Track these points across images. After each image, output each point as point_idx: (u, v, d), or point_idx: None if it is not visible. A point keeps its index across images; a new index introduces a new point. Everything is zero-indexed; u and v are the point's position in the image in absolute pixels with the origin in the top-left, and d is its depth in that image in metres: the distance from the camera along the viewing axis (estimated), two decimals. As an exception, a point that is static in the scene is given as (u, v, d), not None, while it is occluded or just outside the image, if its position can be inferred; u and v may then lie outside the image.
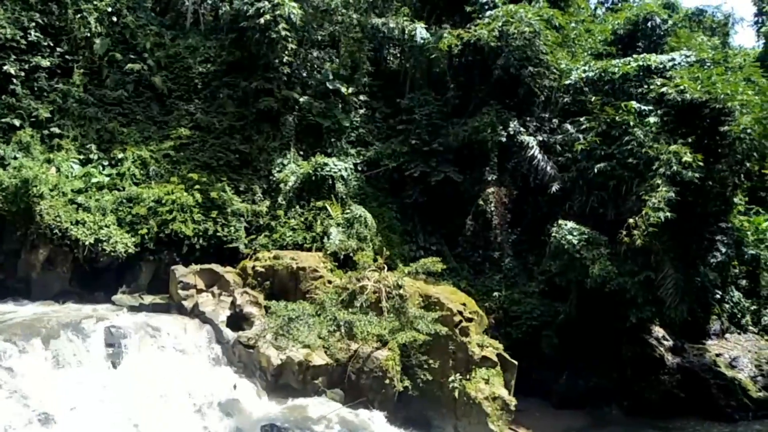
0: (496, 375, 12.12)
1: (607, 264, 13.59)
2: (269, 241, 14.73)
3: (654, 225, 13.10)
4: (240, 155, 16.19)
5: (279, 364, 10.82)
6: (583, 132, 15.81)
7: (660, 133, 14.76)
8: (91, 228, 13.52)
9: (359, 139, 17.63)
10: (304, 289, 12.72)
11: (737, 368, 15.09)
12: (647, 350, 14.38)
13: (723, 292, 16.35)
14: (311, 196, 15.64)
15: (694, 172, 13.61)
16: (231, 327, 11.77)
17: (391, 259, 13.93)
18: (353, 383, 11.10)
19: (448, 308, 12.12)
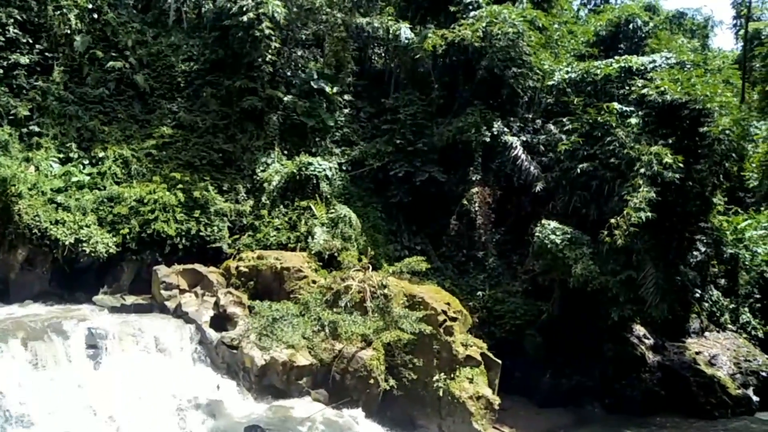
0: (480, 374, 12.18)
1: (590, 263, 13.73)
2: (253, 241, 14.63)
3: (635, 225, 13.27)
4: (223, 154, 16.06)
5: (263, 365, 10.76)
6: (566, 133, 15.95)
7: (641, 134, 14.98)
8: (71, 228, 13.31)
9: (344, 138, 17.59)
10: (288, 289, 12.66)
11: (716, 366, 15.34)
12: (628, 348, 14.57)
13: (702, 291, 16.61)
14: (295, 195, 15.55)
15: (675, 172, 13.83)
16: (214, 327, 11.68)
17: (376, 259, 13.95)
18: (338, 383, 11.08)
19: (433, 308, 12.15)
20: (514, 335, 14.09)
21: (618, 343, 14.47)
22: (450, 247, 16.12)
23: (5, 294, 12.82)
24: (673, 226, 14.66)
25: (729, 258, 17.38)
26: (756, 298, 17.96)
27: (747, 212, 18.48)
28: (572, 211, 15.00)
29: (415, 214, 16.55)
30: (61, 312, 11.55)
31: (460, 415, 11.62)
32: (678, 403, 13.92)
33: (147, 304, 12.73)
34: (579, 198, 15.02)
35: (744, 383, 15.31)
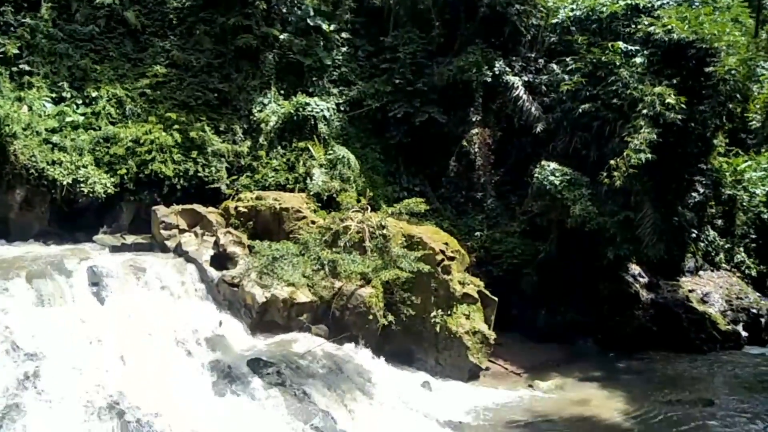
0: (477, 311, 12.45)
1: (588, 204, 13.78)
2: (251, 182, 14.59)
3: (634, 166, 13.24)
4: (219, 94, 15.78)
5: (264, 302, 10.94)
6: (569, 73, 15.63)
7: (645, 74, 14.70)
8: (68, 168, 13.24)
9: (341, 78, 17.24)
10: (287, 230, 12.72)
11: (708, 303, 15.66)
12: (623, 287, 14.81)
13: (699, 232, 16.74)
14: (293, 136, 15.40)
15: (677, 113, 13.68)
16: (214, 266, 11.79)
17: (375, 200, 13.96)
18: (337, 319, 11.31)
19: (431, 247, 12.27)
20: (511, 274, 14.29)
21: (613, 281, 14.70)
22: (449, 189, 16.12)
23: (6, 234, 12.89)
24: (673, 167, 14.62)
25: (727, 199, 17.44)
26: (752, 238, 18.14)
27: (748, 154, 18.39)
28: (572, 152, 14.93)
29: (414, 156, 16.45)
30: (62, 251, 11.63)
31: (457, 349, 11.95)
32: (669, 339, 14.29)
33: (147, 243, 12.82)
34: (579, 139, 14.91)
35: (734, 319, 15.69)
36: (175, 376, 8.67)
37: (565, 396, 11.53)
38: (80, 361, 8.19)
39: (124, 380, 8.12)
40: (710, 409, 10.85)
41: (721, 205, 17.34)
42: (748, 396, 11.38)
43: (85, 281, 10.11)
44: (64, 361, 8.06)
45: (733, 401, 11.33)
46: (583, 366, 12.88)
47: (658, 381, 12.36)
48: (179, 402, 8.02)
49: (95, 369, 8.20)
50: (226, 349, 9.81)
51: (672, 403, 11.06)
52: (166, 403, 7.89)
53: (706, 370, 13.30)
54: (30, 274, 9.69)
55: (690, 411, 10.69)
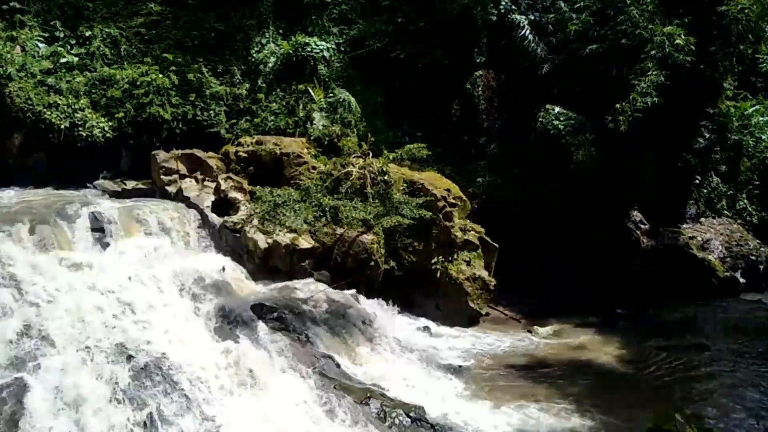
0: (478, 257, 12.55)
1: (592, 150, 13.63)
2: (251, 126, 14.38)
3: (640, 111, 12.98)
4: (216, 34, 15.30)
5: (266, 248, 11.01)
6: (577, 11, 15.08)
7: (656, 13, 14.17)
8: (65, 111, 13.03)
9: (342, 16, 16.63)
10: (288, 175, 12.64)
11: (708, 250, 15.77)
12: (624, 234, 14.86)
13: (702, 178, 16.65)
14: (293, 78, 15.04)
15: (686, 55, 13.28)
16: (216, 212, 11.80)
17: (376, 145, 13.75)
18: (339, 265, 11.42)
19: (433, 194, 12.24)
20: (513, 221, 14.28)
21: (614, 228, 14.72)
22: (451, 134, 15.85)
23: (6, 180, 12.82)
24: (679, 111, 14.33)
25: (733, 144, 17.23)
26: (755, 184, 18.05)
27: (756, 98, 18.02)
28: (578, 95, 14.60)
29: (416, 99, 16.08)
30: (63, 197, 11.60)
31: (457, 295, 12.13)
32: (668, 286, 14.43)
33: (148, 188, 12.78)
34: (585, 82, 14.54)
35: (733, 266, 15.85)
36: (180, 321, 8.81)
37: (562, 341, 11.80)
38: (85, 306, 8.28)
39: (128, 324, 8.25)
40: (704, 354, 11.10)
41: (726, 150, 17.15)
42: (742, 341, 11.64)
43: (87, 227, 10.12)
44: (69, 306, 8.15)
45: (727, 346, 11.60)
46: (581, 312, 13.10)
47: (654, 327, 12.61)
48: (184, 346, 8.18)
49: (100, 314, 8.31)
50: (229, 294, 9.93)
51: (667, 349, 11.32)
52: (171, 348, 8.05)
53: (702, 316, 13.55)
54: (32, 220, 9.69)
55: (684, 356, 10.95)
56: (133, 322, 8.29)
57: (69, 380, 6.86)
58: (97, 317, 8.07)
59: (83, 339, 7.65)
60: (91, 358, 7.39)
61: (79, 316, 8.00)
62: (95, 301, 8.40)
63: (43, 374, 6.89)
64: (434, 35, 15.88)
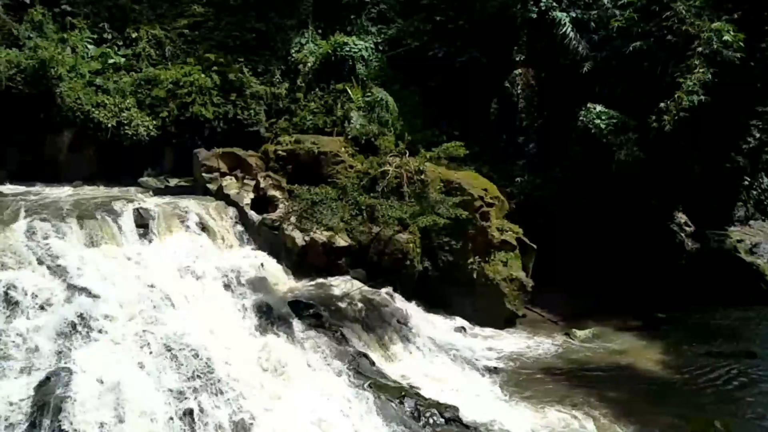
0: (515, 258, 12.39)
1: (635, 150, 13.27)
2: (290, 125, 14.60)
3: (686, 109, 12.59)
4: (257, 34, 15.59)
5: (303, 245, 11.15)
6: (621, 7, 14.74)
7: (704, 8, 13.73)
8: (112, 110, 13.49)
9: (380, 15, 16.71)
10: (325, 174, 12.74)
11: (757, 254, 15.20)
12: (668, 236, 14.44)
13: (752, 179, 16.04)
14: (331, 78, 15.21)
15: (735, 51, 12.82)
16: (255, 210, 12.02)
17: (413, 144, 13.69)
18: (375, 264, 11.47)
19: (470, 193, 12.15)
20: (552, 221, 14.05)
21: (656, 230, 14.32)
22: (489, 133, 15.70)
23: (55, 175, 13.35)
24: (727, 110, 13.85)
25: (785, 145, 16.52)
26: (808, 186, 17.32)
27: (811, 95, 17.22)
28: (620, 94, 14.24)
29: (454, 98, 15.99)
30: (109, 193, 12.02)
31: (493, 296, 12.01)
32: (713, 291, 13.94)
33: (189, 186, 13.11)
34: (628, 80, 14.19)
35: (784, 271, 15.23)
36: (219, 315, 9.00)
37: (602, 345, 11.55)
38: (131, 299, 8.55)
39: (170, 317, 8.47)
40: (751, 361, 10.70)
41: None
42: (792, 349, 11.18)
43: (132, 223, 10.44)
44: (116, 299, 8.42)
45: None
46: (621, 316, 12.80)
47: (699, 332, 12.21)
48: (223, 340, 8.35)
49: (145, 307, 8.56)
50: (267, 290, 10.09)
51: (712, 355, 10.96)
52: (211, 341, 8.22)
53: (750, 322, 13.05)
54: (81, 215, 10.06)
55: (730, 363, 10.58)
56: (174, 315, 8.51)
57: (113, 370, 7.08)
58: (141, 309, 8.31)
59: (127, 331, 7.90)
60: (135, 349, 7.63)
61: (125, 310, 8.26)
62: (140, 293, 8.66)
63: (88, 364, 7.12)
64: (472, 34, 15.78)
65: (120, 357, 7.38)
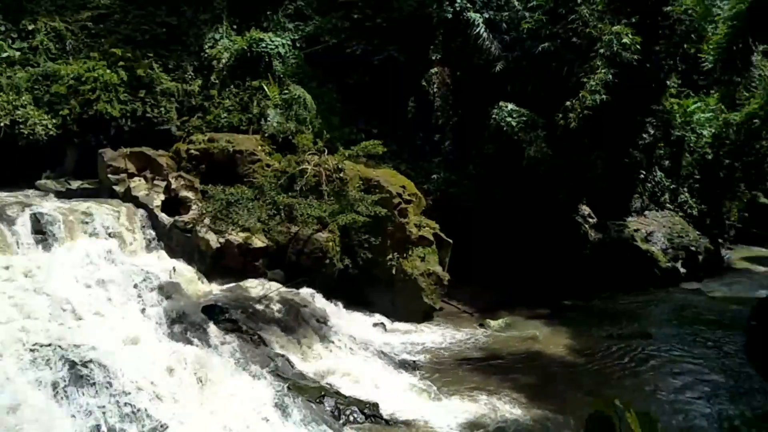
0: (432, 253, 12.70)
1: (543, 146, 13.93)
2: (203, 123, 14.16)
3: (589, 108, 13.36)
4: (167, 28, 14.96)
5: (218, 248, 10.89)
6: (530, 10, 15.38)
7: (605, 13, 14.59)
8: (5, 108, 12.54)
9: (297, 12, 16.50)
10: (241, 173, 12.51)
11: (651, 242, 16.37)
12: (573, 228, 15.29)
13: (647, 172, 17.23)
14: (246, 74, 14.85)
15: (633, 53, 13.73)
16: (166, 212, 11.59)
17: (331, 143, 13.75)
18: (294, 264, 11.39)
19: (388, 191, 12.32)
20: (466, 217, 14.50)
21: (563, 222, 15.13)
22: (407, 131, 15.96)
23: (-58, 179, 12.28)
24: (626, 108, 14.82)
25: (676, 140, 17.89)
26: (695, 178, 18.81)
27: (698, 95, 18.75)
28: (530, 93, 14.89)
29: (372, 96, 16.09)
30: (3, 197, 11.17)
31: (412, 290, 12.26)
32: (614, 277, 14.96)
33: (94, 188, 12.42)
34: (537, 80, 14.85)
35: (674, 257, 16.52)
36: (128, 324, 8.63)
37: (513, 333, 12.09)
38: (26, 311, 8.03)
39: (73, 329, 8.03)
40: (647, 341, 11.55)
41: (669, 146, 17.80)
42: (682, 329, 12.15)
43: (29, 229, 9.78)
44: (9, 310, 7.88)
45: (669, 334, 12.09)
46: (531, 305, 13.45)
47: (601, 317, 13.05)
48: (132, 350, 8.02)
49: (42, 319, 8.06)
50: (180, 295, 9.77)
51: (613, 337, 11.74)
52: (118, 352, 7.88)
53: (646, 305, 14.08)
54: (-31, 222, 9.32)
55: (629, 344, 11.37)
56: (77, 326, 8.07)
57: (9, 388, 6.64)
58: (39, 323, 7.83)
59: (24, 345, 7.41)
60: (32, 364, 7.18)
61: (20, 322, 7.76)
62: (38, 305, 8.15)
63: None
64: (390, 32, 15.92)
65: (17, 376, 6.92)
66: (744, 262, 19.87)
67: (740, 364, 10.28)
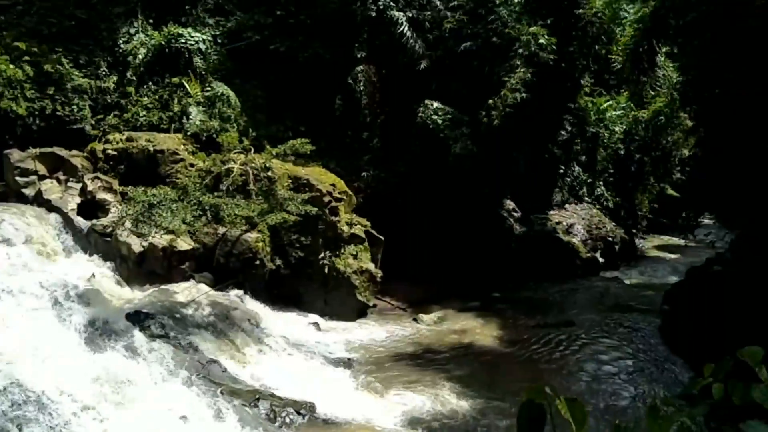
0: (364, 250, 12.73)
1: (468, 143, 14.29)
2: (120, 122, 13.46)
3: (511, 106, 13.84)
4: (77, 22, 14.09)
5: (141, 251, 10.38)
6: (452, 9, 15.72)
7: (523, 14, 15.16)
8: None
9: (218, 7, 16.02)
10: (163, 174, 12.00)
11: (572, 234, 17.20)
12: (499, 222, 15.80)
13: (566, 167, 18.09)
14: (166, 71, 14.26)
15: (549, 53, 14.35)
16: (83, 215, 10.93)
17: (258, 141, 13.46)
18: (222, 266, 11.05)
19: (318, 189, 12.21)
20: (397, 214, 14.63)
21: (490, 217, 15.59)
22: (335, 128, 15.89)
23: None
24: (545, 106, 15.47)
25: (591, 136, 18.88)
26: (610, 172, 19.94)
27: (609, 94, 19.88)
28: (454, 91, 15.24)
29: (298, 93, 15.91)
30: None
31: (345, 289, 12.22)
32: (539, 269, 15.58)
33: (0, 192, 11.53)
34: (461, 78, 15.22)
35: (593, 247, 17.43)
36: (46, 336, 8.06)
37: (445, 327, 12.31)
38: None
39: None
40: (571, 328, 12.11)
41: (585, 142, 18.75)
42: (602, 315, 12.82)
43: (-74, 238, 8.95)
44: None
45: (591, 320, 12.72)
46: (462, 298, 13.75)
47: (529, 307, 13.54)
48: (53, 363, 7.50)
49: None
50: (101, 303, 9.24)
51: (540, 326, 12.21)
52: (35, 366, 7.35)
53: (569, 294, 14.75)
54: None
55: (554, 332, 11.86)
56: (-13, 341, 7.45)
57: None
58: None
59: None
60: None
61: None
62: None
63: None
64: (314, 29, 15.78)
65: None
66: (655, 250, 21.33)
67: (656, 344, 10.99)
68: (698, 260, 12.85)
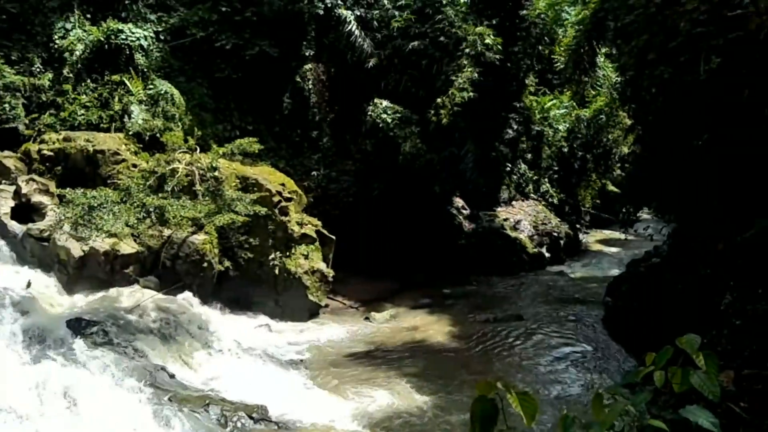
0: (315, 250, 12.63)
1: (418, 142, 14.41)
2: (57, 121, 12.85)
3: (459, 105, 14.04)
4: (8, 16, 13.37)
5: (81, 256, 9.94)
6: (399, 8, 15.81)
7: (470, 14, 15.40)
8: None
9: (159, 2, 15.52)
10: (104, 175, 11.55)
11: (519, 230, 17.62)
12: (449, 220, 16.01)
13: (513, 165, 18.52)
14: (105, 68, 13.71)
15: (495, 53, 14.64)
16: (17, 219, 10.38)
17: (204, 140, 13.18)
18: (168, 269, 10.74)
19: (267, 189, 12.03)
20: (347, 213, 14.61)
21: (440, 214, 15.79)
22: (284, 127, 15.71)
23: None
24: (491, 105, 15.78)
25: (535, 135, 19.40)
26: (554, 170, 20.55)
27: (553, 93, 20.46)
28: (403, 90, 15.33)
29: (245, 92, 15.64)
30: None
31: (296, 289, 12.10)
32: (488, 264, 15.89)
33: (-76, 196, 10.84)
34: (409, 77, 15.33)
35: (540, 243, 17.92)
36: (-24, 347, 7.64)
37: (398, 324, 12.37)
38: None
39: None
40: (520, 322, 12.40)
41: (530, 140, 19.24)
42: (549, 308, 13.20)
43: None
44: None
45: (539, 312, 13.07)
46: (414, 296, 13.87)
47: (478, 303, 13.79)
48: (-16, 377, 7.11)
49: None
50: (38, 311, 8.81)
51: (490, 321, 12.44)
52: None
53: (518, 289, 15.12)
54: None
55: (503, 326, 12.12)
56: None
57: None
58: None
59: None
60: None
61: None
62: None
63: None
64: (261, 27, 15.52)
65: None
66: (598, 244, 22.10)
67: (600, 333, 11.39)
68: (638, 253, 13.37)
